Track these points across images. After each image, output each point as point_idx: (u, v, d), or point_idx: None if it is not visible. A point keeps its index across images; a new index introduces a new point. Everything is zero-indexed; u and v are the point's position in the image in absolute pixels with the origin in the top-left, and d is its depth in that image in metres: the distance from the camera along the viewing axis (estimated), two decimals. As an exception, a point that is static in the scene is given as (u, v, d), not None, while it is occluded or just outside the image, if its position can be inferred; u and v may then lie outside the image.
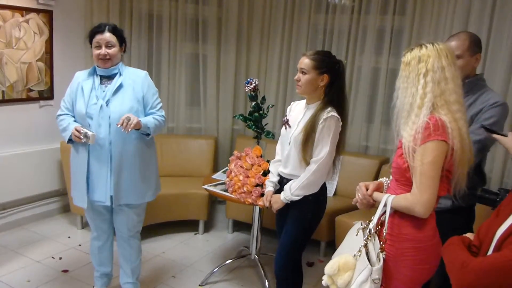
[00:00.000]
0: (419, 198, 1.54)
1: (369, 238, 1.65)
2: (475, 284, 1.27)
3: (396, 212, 1.64)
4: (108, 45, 2.31)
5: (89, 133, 2.20)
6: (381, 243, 1.63)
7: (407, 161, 1.58)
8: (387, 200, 1.64)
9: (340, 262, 1.62)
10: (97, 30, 2.33)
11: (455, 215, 2.02)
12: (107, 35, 2.31)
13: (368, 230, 1.68)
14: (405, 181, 1.63)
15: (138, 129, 2.29)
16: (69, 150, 2.48)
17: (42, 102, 3.67)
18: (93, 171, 2.34)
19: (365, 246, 1.63)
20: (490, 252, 1.37)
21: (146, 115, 2.42)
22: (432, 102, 1.56)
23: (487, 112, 1.97)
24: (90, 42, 2.36)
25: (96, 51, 2.32)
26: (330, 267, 1.64)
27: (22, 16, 3.41)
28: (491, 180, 3.06)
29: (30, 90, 3.56)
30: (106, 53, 2.30)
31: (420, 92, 1.57)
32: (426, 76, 1.57)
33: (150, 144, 2.47)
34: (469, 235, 1.58)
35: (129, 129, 2.19)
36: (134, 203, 2.44)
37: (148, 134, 2.38)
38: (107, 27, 2.34)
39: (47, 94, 3.69)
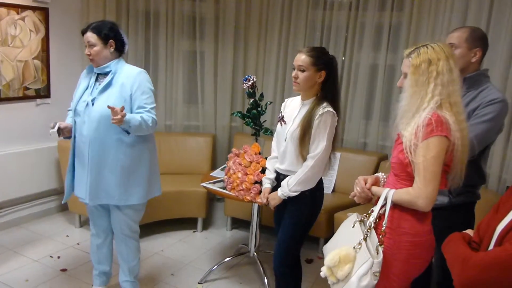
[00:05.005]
0: (423, 191, 1.55)
1: (369, 231, 1.65)
2: (477, 279, 1.27)
3: (396, 206, 1.64)
4: (90, 45, 2.31)
5: (50, 131, 2.27)
6: (380, 236, 1.63)
7: (408, 157, 1.58)
8: (388, 194, 1.64)
9: (341, 254, 1.62)
10: (82, 30, 2.34)
11: (452, 213, 2.02)
12: (88, 35, 2.30)
13: (368, 223, 1.68)
14: (405, 176, 1.64)
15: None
16: (66, 148, 2.48)
17: (39, 101, 3.64)
18: (77, 168, 2.41)
19: (365, 239, 1.63)
20: (491, 247, 1.37)
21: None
22: (438, 104, 1.57)
23: (484, 108, 1.95)
24: None
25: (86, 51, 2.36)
26: (331, 258, 1.64)
27: (18, 13, 3.38)
28: (489, 176, 3.05)
29: (26, 88, 3.54)
30: (89, 52, 2.31)
31: (429, 96, 1.57)
32: (436, 79, 1.57)
33: (140, 144, 2.35)
34: (469, 231, 1.58)
35: (116, 121, 2.09)
36: (117, 204, 2.38)
37: (128, 132, 2.28)
38: (89, 26, 2.33)
39: (44, 92, 3.66)
